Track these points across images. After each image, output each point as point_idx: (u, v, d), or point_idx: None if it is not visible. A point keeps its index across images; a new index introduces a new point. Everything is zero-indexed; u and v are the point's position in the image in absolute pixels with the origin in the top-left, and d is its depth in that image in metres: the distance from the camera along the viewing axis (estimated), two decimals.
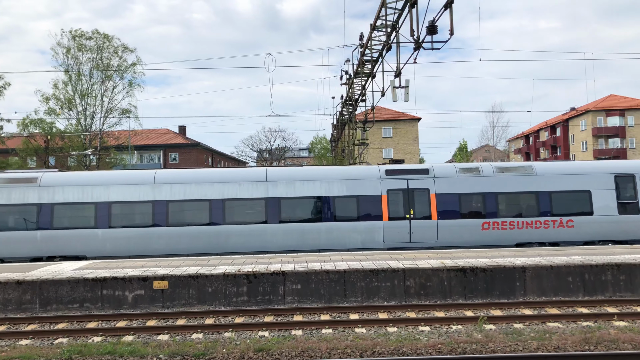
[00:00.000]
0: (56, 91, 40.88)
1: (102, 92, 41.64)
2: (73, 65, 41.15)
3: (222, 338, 9.90)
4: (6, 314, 12.24)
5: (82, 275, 12.81)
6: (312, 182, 17.76)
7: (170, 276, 12.62)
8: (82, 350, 9.02)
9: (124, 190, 17.49)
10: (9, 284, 12.42)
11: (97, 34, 41.31)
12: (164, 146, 60.87)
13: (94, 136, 41.29)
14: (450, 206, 17.55)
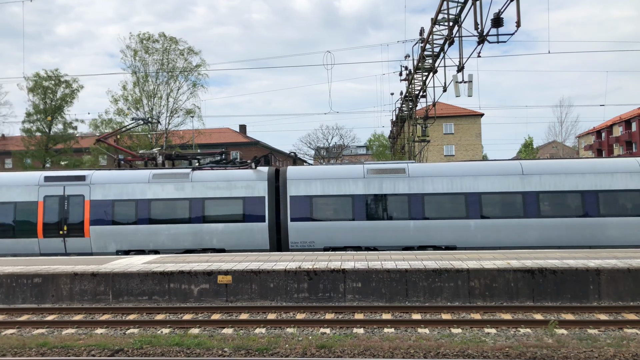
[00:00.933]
0: (125, 92, 42.79)
1: (168, 92, 43.19)
2: (140, 67, 42.91)
3: (284, 333, 10.01)
4: (82, 304, 12.92)
5: (150, 269, 13.31)
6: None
7: (233, 271, 12.89)
8: (152, 340, 9.37)
9: (492, 180, 17.40)
10: (85, 275, 13.10)
11: (164, 37, 42.84)
12: (225, 145, 62.29)
13: (160, 135, 42.87)
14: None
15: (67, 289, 13.18)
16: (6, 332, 10.51)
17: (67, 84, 45.80)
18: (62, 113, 46.18)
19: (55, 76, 45.17)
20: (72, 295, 13.16)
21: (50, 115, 44.72)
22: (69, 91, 46.14)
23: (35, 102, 45.36)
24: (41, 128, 45.91)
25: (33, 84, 44.66)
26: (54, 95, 45.75)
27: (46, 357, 8.28)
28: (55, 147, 46.87)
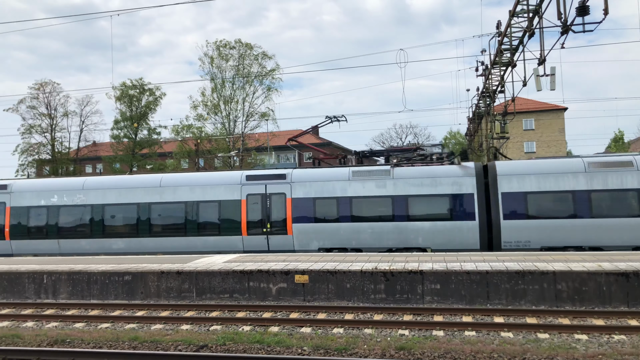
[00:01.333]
0: (204, 98, 44.58)
1: (243, 97, 44.51)
2: (217, 73, 44.53)
3: (362, 334, 9.99)
4: (169, 301, 13.57)
5: (231, 267, 13.75)
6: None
7: (310, 271, 13.04)
8: (234, 337, 9.66)
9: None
10: (171, 274, 13.75)
11: (240, 43, 44.22)
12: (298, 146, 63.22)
13: (236, 139, 44.25)
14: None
15: (155, 286, 13.89)
16: (101, 325, 11.24)
17: (150, 92, 48.41)
18: (147, 120, 48.89)
19: (139, 85, 47.87)
20: (159, 292, 13.85)
21: (136, 122, 47.45)
22: (152, 99, 48.75)
23: (122, 110, 48.31)
24: (128, 134, 48.80)
25: (120, 93, 47.58)
26: (139, 103, 48.50)
27: (138, 350, 8.76)
28: (141, 152, 49.63)
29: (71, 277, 14.40)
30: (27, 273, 14.73)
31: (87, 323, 11.51)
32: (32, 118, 49.09)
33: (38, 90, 48.75)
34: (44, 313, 12.53)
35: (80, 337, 9.84)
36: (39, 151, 49.96)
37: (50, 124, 49.84)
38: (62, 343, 9.49)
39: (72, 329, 10.94)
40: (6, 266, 15.71)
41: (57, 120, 49.93)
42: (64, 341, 9.62)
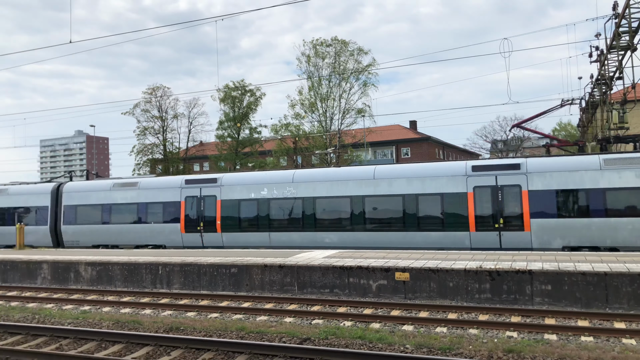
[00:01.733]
0: (301, 97, 45.48)
1: (340, 94, 44.80)
2: (314, 71, 45.18)
3: (466, 334, 9.65)
4: (272, 293, 14.00)
5: (331, 263, 13.89)
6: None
7: (410, 268, 12.82)
8: (336, 332, 9.75)
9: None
10: (273, 267, 14.18)
11: (336, 40, 44.57)
12: (395, 142, 62.61)
13: (333, 135, 44.68)
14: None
15: (259, 279, 14.39)
16: (211, 315, 11.85)
17: (251, 92, 50.25)
18: (248, 119, 50.77)
19: (241, 86, 49.85)
20: (263, 284, 14.34)
21: (238, 122, 49.50)
22: (253, 99, 50.57)
23: (226, 111, 50.59)
24: (231, 134, 51.03)
25: (223, 95, 49.84)
26: (240, 103, 50.53)
27: (245, 340, 9.12)
28: (243, 151, 51.70)
29: (183, 268, 15.33)
30: (144, 264, 15.90)
31: (198, 312, 12.18)
32: (146, 120, 52.95)
33: (151, 95, 52.49)
34: (160, 302, 13.45)
35: (192, 326, 10.43)
36: (153, 151, 53.75)
37: (162, 126, 53.44)
38: (177, 330, 10.12)
39: (184, 317, 11.64)
40: (126, 257, 17.08)
41: (167, 122, 53.45)
42: (178, 328, 10.26)
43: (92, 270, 16.63)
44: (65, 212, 24.17)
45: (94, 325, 10.72)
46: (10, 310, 12.72)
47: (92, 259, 17.09)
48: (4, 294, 15.49)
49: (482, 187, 17.51)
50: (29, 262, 17.73)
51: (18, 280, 17.79)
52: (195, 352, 8.68)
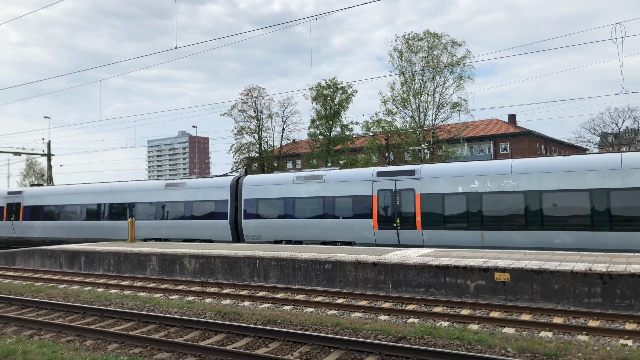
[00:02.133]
0: (393, 93, 45.00)
1: (433, 88, 43.78)
2: (406, 66, 44.50)
3: (575, 340, 9.03)
4: (366, 291, 13.99)
5: (426, 262, 13.61)
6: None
7: (511, 269, 12.24)
8: (432, 332, 9.53)
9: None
10: (367, 264, 14.16)
11: (428, 34, 43.60)
12: (493, 137, 60.10)
13: (427, 131, 43.77)
14: None
15: (352, 275, 14.44)
16: (306, 309, 12.07)
17: (343, 90, 50.51)
18: (340, 117, 51.09)
19: (333, 84, 50.26)
20: (356, 281, 14.37)
21: (330, 120, 49.99)
22: (345, 97, 50.78)
23: (318, 109, 51.25)
24: (323, 132, 51.64)
25: (316, 94, 50.54)
26: (332, 101, 50.96)
27: (340, 336, 9.18)
28: (335, 148, 52.15)
29: (279, 263, 15.76)
30: (243, 258, 16.54)
31: (294, 306, 12.46)
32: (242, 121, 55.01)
33: (247, 96, 54.46)
34: (258, 295, 13.92)
35: (289, 319, 10.69)
36: (249, 150, 55.78)
37: (257, 125, 55.28)
38: (274, 323, 10.41)
39: (281, 310, 11.95)
40: (226, 251, 17.86)
41: (263, 121, 55.17)
42: (275, 321, 10.55)
43: (195, 263, 17.58)
44: (245, 206, 23.48)
45: (198, 315, 11.31)
46: (124, 298, 13.77)
47: (195, 252, 18.06)
48: (118, 283, 16.80)
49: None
50: (140, 254, 19.10)
51: (130, 271, 19.24)
52: (292, 345, 8.88)
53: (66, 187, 31.17)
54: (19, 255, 23.63)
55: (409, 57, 44.33)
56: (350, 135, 51.68)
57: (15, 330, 10.39)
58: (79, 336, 9.76)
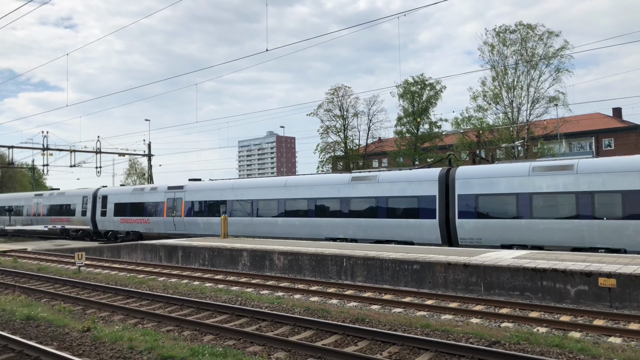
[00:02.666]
0: (484, 88, 43.35)
1: (528, 82, 41.65)
2: (498, 60, 42.68)
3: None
4: (456, 292, 13.59)
5: (521, 264, 12.97)
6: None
7: (618, 274, 11.36)
8: (528, 338, 9.04)
9: None
10: (457, 266, 13.74)
11: (521, 25, 41.53)
12: (595, 132, 56.09)
13: (521, 127, 41.76)
14: None
15: (442, 277, 14.08)
16: (394, 309, 11.93)
17: (431, 86, 49.45)
18: (428, 114, 50.07)
19: (420, 81, 49.35)
20: (446, 283, 13.99)
21: (418, 117, 49.14)
22: (433, 93, 49.70)
23: (405, 107, 50.56)
24: (410, 129, 50.88)
25: (403, 91, 49.88)
26: (420, 98, 50.06)
27: (430, 337, 8.97)
28: (422, 146, 51.19)
29: (366, 262, 15.71)
30: (330, 256, 16.68)
31: (382, 306, 12.36)
32: (328, 120, 55.53)
33: (333, 95, 54.88)
34: (345, 293, 13.96)
35: (377, 319, 10.61)
36: (335, 148, 56.20)
37: (343, 124, 55.56)
38: (362, 322, 10.38)
39: (369, 310, 11.90)
40: (313, 249, 18.10)
41: (348, 120, 55.36)
42: (363, 320, 10.51)
43: (284, 259, 17.99)
44: (461, 203, 20.06)
45: (287, 310, 11.54)
46: (218, 291, 14.36)
47: (284, 249, 18.47)
48: (212, 277, 17.57)
49: None
50: (232, 250, 19.86)
51: (223, 266, 20.06)
52: (381, 345, 8.80)
53: (234, 181, 29.41)
54: (123, 248, 25.46)
55: (501, 51, 42.49)
56: (439, 133, 50.48)
57: (121, 319, 11.17)
58: (178, 327, 10.31)
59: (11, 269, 19.81)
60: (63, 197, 40.74)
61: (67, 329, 9.92)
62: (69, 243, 33.95)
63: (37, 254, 26.42)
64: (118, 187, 38.29)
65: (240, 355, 8.06)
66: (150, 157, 51.38)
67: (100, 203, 36.65)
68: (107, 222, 36.03)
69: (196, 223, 29.89)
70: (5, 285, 15.94)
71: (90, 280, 16.24)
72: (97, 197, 37.16)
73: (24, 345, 8.49)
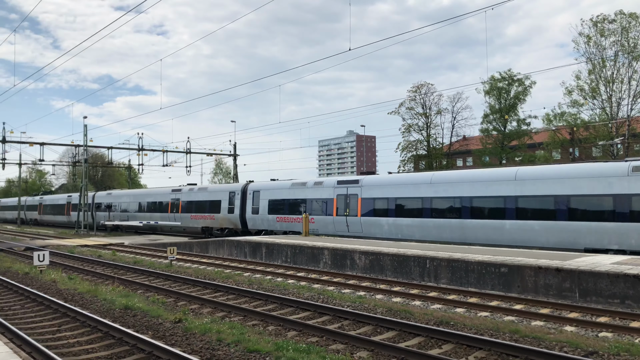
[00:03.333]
0: (579, 82, 40.79)
1: (630, 75, 38.68)
2: (595, 52, 40.02)
3: None
4: (548, 298, 12.88)
5: (621, 270, 12.07)
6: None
7: None
8: (629, 349, 8.38)
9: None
10: (549, 270, 13.03)
11: (621, 14, 38.65)
12: None
13: (620, 123, 38.87)
14: None
15: (532, 281, 13.40)
16: (480, 313, 11.51)
17: (519, 82, 47.30)
18: (516, 111, 47.94)
19: (508, 76, 47.33)
20: (536, 287, 13.31)
21: (505, 114, 47.18)
22: (522, 89, 47.52)
23: (491, 103, 48.73)
24: (497, 127, 48.95)
25: (489, 87, 48.10)
26: (507, 94, 48.04)
27: (519, 344, 8.55)
28: (510, 144, 49.08)
29: (450, 264, 15.30)
30: (412, 257, 16.41)
31: (467, 309, 11.97)
32: (410, 118, 54.71)
33: (415, 93, 53.98)
34: (429, 295, 13.67)
35: (462, 322, 10.28)
36: (417, 147, 55.28)
37: (425, 122, 54.51)
38: (446, 324, 10.10)
39: (453, 312, 11.57)
40: (395, 249, 17.89)
41: (431, 118, 54.24)
42: (447, 323, 10.23)
43: (365, 259, 17.93)
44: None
45: (369, 310, 11.48)
46: (300, 288, 14.58)
47: (365, 248, 18.42)
48: (295, 274, 17.87)
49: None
50: (313, 248, 20.10)
51: (304, 263, 20.35)
52: (466, 349, 8.52)
53: (432, 174, 24.23)
54: (211, 244, 26.57)
55: (599, 42, 39.78)
56: (528, 130, 48.16)
57: (209, 311, 11.64)
58: (262, 321, 10.57)
59: (110, 261, 21.29)
60: (205, 193, 36.98)
61: (160, 320, 10.49)
62: (162, 238, 35.86)
63: (133, 248, 28.22)
64: (271, 182, 33.61)
65: (323, 353, 8.12)
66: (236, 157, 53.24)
67: (250, 199, 32.80)
68: (259, 221, 32.13)
69: (377, 224, 25.27)
70: (105, 276, 17.16)
71: (181, 274, 17.09)
72: (246, 192, 33.38)
73: (123, 333, 9.08)
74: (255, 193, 32.57)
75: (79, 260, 22.54)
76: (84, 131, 43.50)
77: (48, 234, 43.71)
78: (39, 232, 48.06)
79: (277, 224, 30.77)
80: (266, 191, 31.91)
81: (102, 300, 12.55)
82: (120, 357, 8.21)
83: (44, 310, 11.74)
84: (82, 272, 18.57)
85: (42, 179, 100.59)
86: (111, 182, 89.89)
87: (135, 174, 75.16)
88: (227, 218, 34.41)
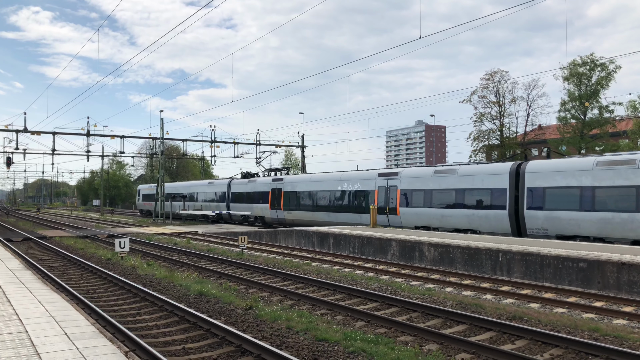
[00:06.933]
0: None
1: None
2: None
3: None
4: (631, 296, 12.14)
5: None
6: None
7: None
8: None
9: None
10: (634, 266, 12.25)
11: None
12: None
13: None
14: None
15: (614, 277, 12.67)
16: (556, 310, 11.02)
17: (602, 66, 44.46)
18: (598, 97, 45.15)
19: (590, 61, 44.64)
20: (619, 284, 12.57)
21: (586, 101, 44.59)
22: (605, 74, 44.61)
23: (570, 90, 46.14)
24: (576, 115, 46.36)
25: (568, 73, 45.57)
26: (588, 80, 45.30)
27: (599, 343, 8.12)
28: (590, 133, 46.37)
29: (524, 257, 14.74)
30: (484, 250, 15.95)
31: (542, 305, 11.51)
32: (482, 107, 52.79)
33: (488, 80, 52.00)
34: (501, 289, 13.26)
35: (536, 318, 9.90)
36: (489, 137, 53.38)
37: (498, 111, 52.50)
38: (519, 320, 9.76)
39: (527, 308, 11.15)
40: (466, 242, 17.45)
41: (505, 106, 52.14)
42: (520, 318, 9.89)
43: (434, 251, 17.63)
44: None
45: (438, 303, 11.30)
46: (368, 279, 14.57)
47: (434, 240, 18.11)
48: (362, 264, 17.87)
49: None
50: (381, 239, 19.99)
51: (372, 254, 20.30)
52: (541, 346, 8.20)
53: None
54: (280, 234, 27.09)
55: None
56: (611, 118, 45.24)
57: (279, 300, 11.90)
58: (330, 311, 10.68)
59: (185, 249, 22.23)
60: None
61: (232, 306, 10.84)
62: (233, 227, 36.97)
63: (206, 236, 29.30)
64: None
65: (391, 344, 8.10)
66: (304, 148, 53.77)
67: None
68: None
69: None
70: (180, 263, 17.95)
71: (251, 262, 17.57)
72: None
73: (197, 318, 9.47)
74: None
75: (156, 247, 23.71)
76: (161, 124, 45.43)
77: (128, 222, 46.25)
78: (119, 220, 50.93)
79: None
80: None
81: (178, 286, 13.14)
82: (195, 340, 8.58)
83: (125, 294, 12.47)
84: (159, 258, 19.52)
85: (121, 170, 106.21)
86: (185, 174, 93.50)
87: (208, 165, 77.77)
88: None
